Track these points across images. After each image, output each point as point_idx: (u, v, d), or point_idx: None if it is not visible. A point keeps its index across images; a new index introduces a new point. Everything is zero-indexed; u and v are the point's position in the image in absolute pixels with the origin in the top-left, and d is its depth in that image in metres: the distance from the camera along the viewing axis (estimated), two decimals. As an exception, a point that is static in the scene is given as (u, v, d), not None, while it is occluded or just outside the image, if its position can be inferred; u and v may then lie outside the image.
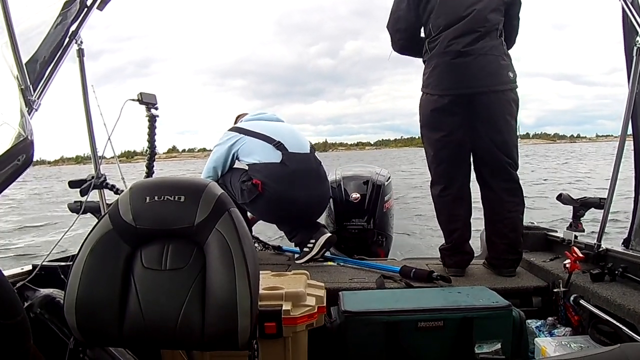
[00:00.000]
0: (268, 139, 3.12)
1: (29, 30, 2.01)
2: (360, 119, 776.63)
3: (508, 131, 2.68)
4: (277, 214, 3.13)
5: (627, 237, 2.44)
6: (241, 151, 3.16)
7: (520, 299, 2.48)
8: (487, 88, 2.61)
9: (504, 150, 2.69)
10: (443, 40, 2.66)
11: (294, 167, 3.07)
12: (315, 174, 3.22)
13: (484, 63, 2.61)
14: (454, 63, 2.64)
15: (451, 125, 2.71)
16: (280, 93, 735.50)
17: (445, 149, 2.76)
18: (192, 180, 1.47)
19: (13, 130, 1.27)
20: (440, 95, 2.70)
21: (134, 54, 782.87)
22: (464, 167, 2.79)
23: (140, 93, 2.72)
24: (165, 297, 1.30)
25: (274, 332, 1.78)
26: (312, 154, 3.26)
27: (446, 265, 2.85)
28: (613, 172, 2.47)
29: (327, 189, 3.36)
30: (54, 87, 2.09)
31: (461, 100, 2.66)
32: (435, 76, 2.70)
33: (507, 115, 2.66)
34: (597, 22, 77.80)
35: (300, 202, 3.07)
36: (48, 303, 1.77)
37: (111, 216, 1.37)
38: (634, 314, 1.87)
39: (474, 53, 2.60)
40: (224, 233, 1.32)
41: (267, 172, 3.03)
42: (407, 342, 1.97)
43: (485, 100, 2.63)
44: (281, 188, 3.01)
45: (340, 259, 3.15)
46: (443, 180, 2.82)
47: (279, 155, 3.06)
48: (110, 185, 2.54)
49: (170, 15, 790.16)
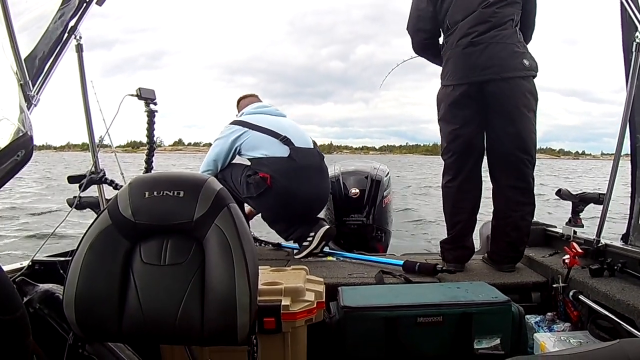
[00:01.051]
0: (274, 133, 3.11)
1: (29, 25, 2.01)
2: (367, 123, 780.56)
3: (523, 123, 2.64)
4: (282, 209, 3.12)
5: (626, 233, 2.44)
6: (245, 145, 3.14)
7: (520, 294, 2.48)
8: (498, 75, 2.60)
9: (517, 144, 2.66)
10: (457, 32, 2.68)
11: (302, 162, 3.08)
12: (319, 169, 3.23)
13: (495, 51, 2.60)
14: (465, 52, 2.65)
15: (464, 118, 2.71)
16: (290, 93, 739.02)
17: (456, 141, 2.76)
18: (191, 175, 1.47)
19: (12, 126, 1.27)
20: (454, 85, 2.70)
21: (147, 45, 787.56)
22: (473, 159, 2.78)
23: (139, 88, 2.71)
24: (164, 293, 1.30)
25: (273, 327, 1.78)
26: (315, 149, 3.27)
27: (446, 259, 2.84)
28: (612, 168, 2.47)
29: (329, 184, 3.38)
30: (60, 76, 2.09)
31: (473, 90, 2.66)
32: (449, 67, 2.72)
33: (522, 106, 2.63)
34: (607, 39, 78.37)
35: (306, 197, 3.08)
36: (47, 298, 1.77)
37: (110, 211, 1.36)
38: (633, 309, 1.87)
39: (484, 42, 2.60)
40: (223, 228, 1.32)
41: (275, 166, 3.03)
42: (406, 337, 1.98)
43: (496, 89, 2.61)
44: (289, 183, 3.02)
45: (340, 254, 3.15)
46: (452, 172, 2.82)
47: (286, 150, 3.06)
48: (109, 181, 2.54)
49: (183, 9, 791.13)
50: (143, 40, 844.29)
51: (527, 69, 2.62)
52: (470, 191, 2.82)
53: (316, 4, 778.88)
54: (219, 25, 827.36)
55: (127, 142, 63.91)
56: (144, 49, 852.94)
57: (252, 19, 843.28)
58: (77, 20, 2.23)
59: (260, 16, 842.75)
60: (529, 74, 2.64)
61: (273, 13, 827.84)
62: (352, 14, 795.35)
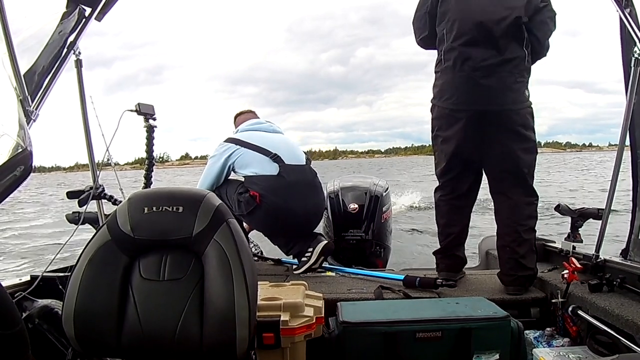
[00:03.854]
0: (265, 151, 3.13)
1: (28, 41, 2.02)
2: (371, 127, 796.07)
3: (520, 142, 2.62)
4: (275, 225, 3.14)
5: (625, 248, 2.44)
6: (237, 163, 3.18)
7: (519, 310, 2.47)
8: (501, 107, 2.57)
9: (512, 162, 2.64)
10: (456, 53, 2.61)
11: (291, 179, 3.09)
12: (311, 185, 3.25)
13: (498, 82, 2.54)
14: (468, 78, 2.59)
15: (458, 135, 2.68)
16: (292, 101, 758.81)
17: (451, 158, 2.75)
18: (190, 190, 1.48)
19: (12, 142, 1.27)
20: (451, 109, 2.68)
21: (146, 61, 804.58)
22: (468, 176, 2.78)
23: (138, 104, 2.72)
24: (163, 308, 1.30)
25: (272, 342, 1.77)
26: (307, 165, 3.29)
27: (438, 269, 2.86)
28: (611, 183, 2.48)
29: (323, 199, 3.38)
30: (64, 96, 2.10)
31: (471, 115, 2.63)
32: (446, 89, 2.68)
33: (519, 126, 2.61)
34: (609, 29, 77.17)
35: (297, 214, 3.09)
36: (46, 313, 1.77)
37: (109, 227, 1.37)
38: (632, 324, 1.87)
39: (487, 70, 2.55)
40: (222, 244, 1.33)
41: (265, 184, 3.05)
42: (406, 352, 1.97)
43: (495, 117, 2.59)
44: (278, 200, 3.03)
45: (339, 269, 3.15)
46: (447, 188, 2.83)
47: (276, 168, 3.08)
48: (109, 196, 2.54)
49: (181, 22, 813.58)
50: (142, 55, 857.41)
51: (526, 100, 2.61)
52: (465, 207, 2.84)
53: (313, 10, 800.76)
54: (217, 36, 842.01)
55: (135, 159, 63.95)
56: (144, 65, 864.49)
57: (250, 28, 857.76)
58: (76, 35, 2.24)
59: (257, 25, 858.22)
60: (527, 104, 2.62)
61: (270, 21, 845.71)
62: (349, 18, 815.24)
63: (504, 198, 2.72)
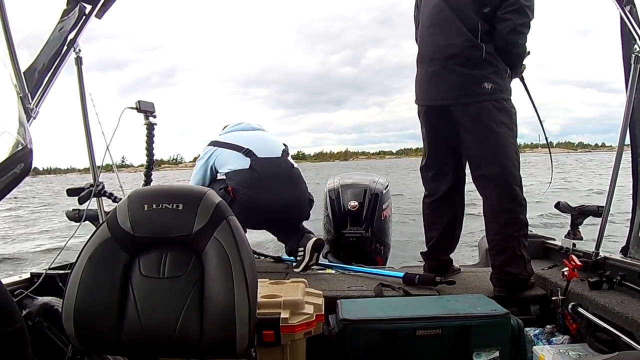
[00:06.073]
0: (237, 147, 3.20)
1: (28, 38, 2.02)
2: (383, 128, 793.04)
3: (495, 139, 2.51)
4: (253, 220, 3.13)
5: (625, 245, 2.44)
6: (217, 163, 3.25)
7: (519, 307, 2.47)
8: (458, 100, 2.54)
9: (479, 163, 2.58)
10: (419, 49, 2.69)
11: (263, 171, 3.13)
12: (286, 177, 3.25)
13: (449, 75, 2.53)
14: (425, 74, 2.63)
15: (436, 136, 2.72)
16: (304, 102, 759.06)
17: (430, 158, 2.79)
18: (190, 188, 1.48)
19: (12, 139, 1.27)
20: (418, 105, 2.73)
21: (159, 63, 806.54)
22: (445, 177, 2.78)
23: (139, 101, 2.72)
24: (163, 305, 1.30)
25: (272, 340, 1.77)
26: (283, 157, 3.30)
27: (425, 270, 2.88)
28: (611, 181, 2.48)
29: (303, 191, 3.33)
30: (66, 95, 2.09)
31: (436, 111, 2.64)
32: (415, 86, 2.73)
33: (491, 121, 2.51)
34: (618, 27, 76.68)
35: (273, 206, 3.11)
36: (46, 311, 1.77)
37: (109, 224, 1.37)
38: (632, 322, 1.87)
39: (437, 64, 2.56)
40: (222, 241, 1.33)
41: (238, 178, 3.11)
42: (406, 350, 1.97)
43: (459, 110, 2.55)
44: (251, 193, 3.06)
45: (339, 267, 3.16)
46: (429, 189, 2.85)
47: (247, 162, 3.13)
48: (109, 194, 2.54)
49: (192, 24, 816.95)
50: (155, 57, 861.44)
51: (488, 93, 2.49)
52: (446, 210, 2.82)
53: (323, 11, 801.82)
54: (228, 37, 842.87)
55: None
56: (156, 67, 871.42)
57: (260, 30, 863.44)
58: (76, 33, 2.24)
59: (268, 26, 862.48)
60: (492, 98, 2.51)
61: (280, 22, 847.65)
62: (359, 18, 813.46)
63: (484, 202, 2.64)
